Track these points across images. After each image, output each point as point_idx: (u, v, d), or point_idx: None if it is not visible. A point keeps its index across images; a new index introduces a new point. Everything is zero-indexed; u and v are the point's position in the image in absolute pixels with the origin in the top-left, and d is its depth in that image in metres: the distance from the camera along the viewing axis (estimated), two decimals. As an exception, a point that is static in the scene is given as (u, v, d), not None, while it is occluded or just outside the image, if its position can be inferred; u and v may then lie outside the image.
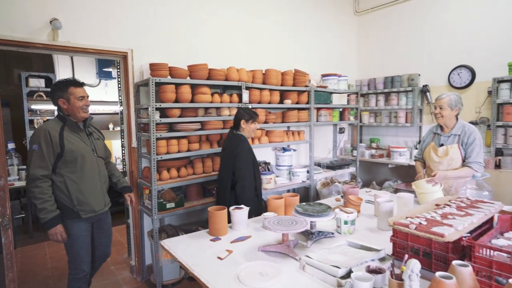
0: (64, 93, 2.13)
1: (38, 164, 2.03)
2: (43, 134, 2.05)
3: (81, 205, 2.15)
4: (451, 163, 2.49)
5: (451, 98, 2.49)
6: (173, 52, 3.25)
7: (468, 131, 2.47)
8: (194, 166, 3.12)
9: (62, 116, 2.16)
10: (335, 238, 1.93)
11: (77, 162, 2.13)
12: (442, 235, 1.36)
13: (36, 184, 2.02)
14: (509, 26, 3.53)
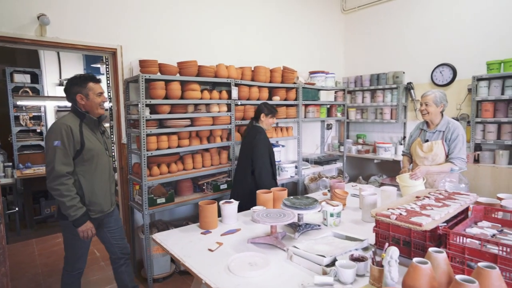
0: (83, 89, 2.08)
1: (62, 161, 1.96)
2: (64, 130, 1.98)
3: (92, 205, 2.11)
4: (435, 159, 2.58)
5: (436, 95, 2.55)
6: (162, 49, 3.27)
7: (452, 127, 2.54)
8: (184, 162, 3.16)
9: (80, 112, 2.09)
10: (321, 230, 2.01)
11: (93, 161, 2.09)
12: (420, 224, 1.45)
13: (62, 181, 1.96)
14: (487, 26, 3.68)
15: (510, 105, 3.43)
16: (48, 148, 1.99)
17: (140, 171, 2.84)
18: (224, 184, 3.33)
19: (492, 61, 3.48)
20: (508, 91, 3.40)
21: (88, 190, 2.08)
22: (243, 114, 3.52)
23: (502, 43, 3.56)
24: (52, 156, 1.96)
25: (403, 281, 1.22)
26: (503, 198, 2.01)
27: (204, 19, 3.62)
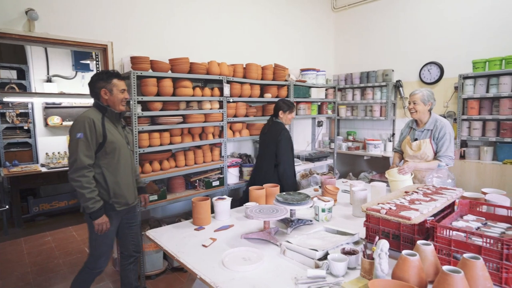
0: (107, 84, 2.13)
1: (84, 153, 1.99)
2: (88, 123, 2.02)
3: (117, 197, 2.14)
4: (424, 157, 2.62)
5: (424, 93, 2.59)
6: (154, 46, 3.25)
7: (439, 125, 2.57)
8: (176, 159, 3.16)
9: (102, 106, 2.13)
10: (313, 225, 2.05)
11: (115, 154, 2.12)
12: (409, 218, 1.50)
13: (83, 173, 1.99)
14: (473, 26, 3.77)
15: (495, 102, 3.53)
16: (71, 140, 2.02)
17: (132, 168, 2.82)
18: (216, 181, 3.34)
19: (478, 60, 3.58)
20: (493, 89, 3.50)
21: (112, 183, 2.11)
22: (235, 111, 3.53)
23: (487, 42, 3.66)
24: (75, 148, 1.99)
25: (393, 272, 1.27)
26: (487, 193, 2.08)
27: (196, 16, 3.60)
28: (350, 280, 1.35)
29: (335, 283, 1.33)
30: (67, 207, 5.05)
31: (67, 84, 5.31)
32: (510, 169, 3.25)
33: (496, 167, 3.35)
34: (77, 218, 4.88)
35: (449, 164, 2.54)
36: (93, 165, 2.05)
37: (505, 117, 3.40)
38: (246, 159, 3.89)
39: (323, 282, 1.34)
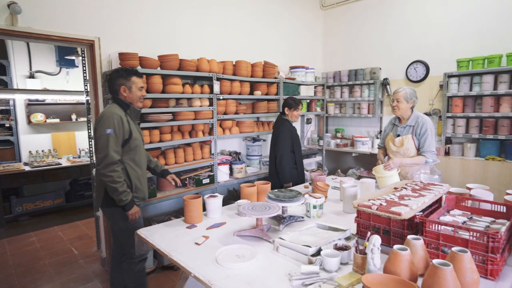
0: (127, 81, 2.17)
1: (114, 149, 2.05)
2: (116, 119, 2.06)
3: (137, 192, 2.22)
4: (406, 153, 2.70)
5: (407, 91, 2.68)
6: (142, 42, 3.19)
7: (420, 122, 2.66)
8: (166, 156, 3.13)
9: (124, 103, 2.18)
10: (305, 222, 2.07)
11: (137, 150, 2.19)
12: (399, 213, 1.54)
13: (114, 168, 2.04)
14: (457, 25, 3.86)
15: (477, 100, 3.64)
16: (101, 136, 2.04)
17: (120, 167, 2.78)
18: (207, 179, 3.33)
19: (462, 59, 3.67)
20: (476, 87, 3.60)
21: (134, 177, 2.19)
22: (225, 108, 3.52)
23: (471, 42, 3.76)
24: (105, 143, 2.03)
25: (385, 267, 1.30)
26: (471, 188, 2.15)
27: (185, 13, 3.56)
28: (343, 275, 1.37)
29: (328, 278, 1.35)
30: (52, 207, 4.94)
31: (51, 80, 5.17)
32: (492, 164, 3.37)
33: (479, 163, 3.46)
34: (63, 218, 4.78)
35: (433, 159, 2.61)
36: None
37: (487, 115, 3.51)
38: (236, 157, 3.88)
39: (317, 277, 1.35)
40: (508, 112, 3.39)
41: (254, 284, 1.35)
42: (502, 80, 3.41)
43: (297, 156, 3.22)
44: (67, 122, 5.28)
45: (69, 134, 5.37)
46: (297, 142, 3.23)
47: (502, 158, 3.42)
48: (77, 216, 4.81)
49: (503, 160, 3.36)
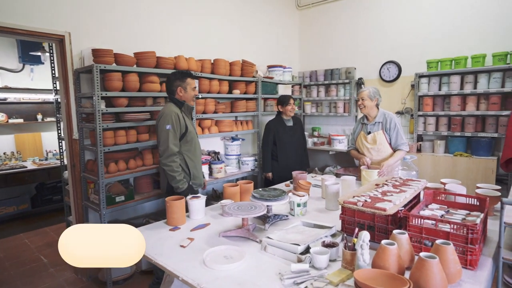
0: (183, 83, 2.48)
1: (173, 142, 2.36)
2: (174, 116, 2.37)
3: (195, 179, 2.53)
4: (380, 148, 2.84)
5: (370, 90, 2.86)
6: (117, 39, 3.06)
7: (388, 118, 2.85)
8: (143, 157, 3.02)
9: (179, 101, 2.50)
10: (289, 220, 2.07)
11: (192, 142, 2.51)
12: (384, 209, 1.58)
13: (173, 159, 2.36)
14: (427, 27, 4.04)
15: (446, 100, 3.84)
16: (162, 131, 2.37)
17: (95, 169, 2.66)
18: (186, 179, 3.26)
19: (431, 60, 3.85)
20: (444, 87, 3.79)
21: (192, 166, 2.50)
22: (203, 107, 3.46)
23: (439, 44, 3.95)
24: (165, 137, 2.35)
25: (373, 262, 1.32)
26: (445, 183, 2.25)
27: (163, 10, 3.46)
28: (333, 272, 1.38)
29: (319, 276, 1.36)
30: (17, 213, 4.63)
31: (13, 77, 4.83)
32: (460, 160, 3.56)
33: (449, 159, 3.64)
34: (29, 224, 4.48)
35: (406, 149, 2.79)
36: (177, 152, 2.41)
37: (455, 113, 3.70)
38: (215, 156, 3.83)
39: (307, 275, 1.36)
40: (473, 111, 3.59)
41: (245, 285, 1.33)
42: (468, 81, 3.61)
43: (279, 150, 3.48)
44: (32, 122, 4.96)
45: (34, 135, 5.04)
46: (280, 136, 3.46)
47: (469, 154, 3.62)
48: (45, 222, 4.53)
49: (470, 156, 3.56)
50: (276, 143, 3.49)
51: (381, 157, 2.84)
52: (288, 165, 3.46)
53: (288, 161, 3.50)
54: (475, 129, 3.62)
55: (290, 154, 3.53)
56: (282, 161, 3.49)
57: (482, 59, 3.51)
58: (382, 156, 2.84)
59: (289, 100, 3.47)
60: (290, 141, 3.53)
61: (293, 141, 3.56)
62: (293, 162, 3.51)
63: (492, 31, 3.60)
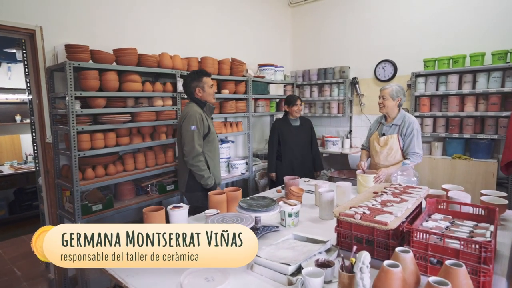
0: (200, 83, 2.47)
1: (198, 142, 2.40)
2: (198, 117, 2.40)
3: (214, 178, 2.53)
4: (390, 153, 2.60)
5: (393, 88, 2.58)
6: (94, 34, 2.85)
7: (407, 121, 2.56)
8: (124, 162, 2.81)
9: (201, 102, 2.51)
10: (280, 232, 1.89)
11: (213, 142, 2.55)
12: (385, 223, 1.40)
13: (199, 158, 2.41)
14: (424, 25, 3.91)
15: (443, 100, 3.70)
16: (187, 131, 2.39)
17: (70, 175, 2.44)
18: (171, 185, 3.06)
19: (428, 59, 3.71)
20: (442, 87, 3.65)
21: (212, 166, 2.53)
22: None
23: (437, 41, 3.81)
24: (191, 138, 2.38)
25: (374, 286, 1.15)
26: (447, 189, 2.09)
27: (145, 3, 3.25)
28: (329, 298, 1.20)
29: (312, 303, 1.18)
30: (-10, 220, 4.37)
31: (-11, 77, 4.57)
32: (459, 163, 3.42)
33: (447, 161, 3.50)
34: (4, 232, 4.22)
35: (416, 161, 2.54)
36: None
37: (453, 114, 3.57)
38: (203, 160, 3.63)
39: (299, 302, 1.18)
40: (472, 112, 3.46)
41: (227, 316, 1.14)
42: (466, 80, 3.47)
43: (283, 150, 3.44)
44: (10, 123, 4.69)
45: (12, 137, 4.78)
46: (284, 136, 3.43)
47: (467, 156, 3.49)
48: (23, 229, 4.27)
49: (469, 158, 3.42)
50: (280, 143, 3.47)
51: (390, 163, 2.59)
52: (293, 165, 3.43)
53: (292, 162, 3.45)
54: (474, 131, 3.48)
55: (295, 155, 3.46)
56: (286, 161, 3.45)
57: (481, 57, 3.37)
58: (391, 162, 2.59)
59: (296, 101, 3.43)
60: (295, 141, 3.46)
61: (298, 141, 3.48)
62: (298, 163, 3.46)
63: (491, 28, 3.47)
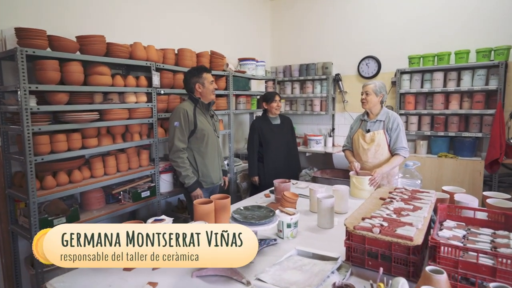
0: (200, 79, 2.47)
1: (179, 138, 2.39)
2: (182, 113, 2.39)
3: (204, 177, 2.52)
4: (378, 149, 2.53)
5: (376, 84, 2.55)
6: (53, 18, 2.45)
7: (391, 117, 2.54)
8: (92, 167, 2.45)
9: (195, 98, 2.50)
10: (278, 245, 1.67)
11: (204, 140, 2.48)
12: (410, 238, 1.22)
13: (179, 155, 2.39)
14: (409, 20, 3.84)
15: (428, 97, 3.66)
16: (170, 128, 2.43)
17: (25, 184, 2.05)
18: (146, 191, 2.73)
19: (413, 55, 3.65)
20: (427, 84, 3.61)
21: (201, 164, 2.50)
22: (167, 105, 2.95)
23: (421, 38, 3.76)
24: (172, 134, 2.40)
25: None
26: (452, 192, 1.97)
27: (112, -14, 2.87)
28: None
29: None
30: None
31: None
32: (446, 162, 3.39)
33: (434, 160, 3.46)
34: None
35: (406, 155, 2.50)
36: (187, 148, 2.45)
37: (438, 112, 3.53)
38: (181, 162, 3.32)
39: None
40: (457, 109, 3.44)
41: None
42: (451, 78, 3.45)
43: (265, 151, 3.21)
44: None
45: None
46: (265, 136, 3.20)
47: (452, 154, 3.46)
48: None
49: (455, 157, 3.40)
50: (262, 143, 3.21)
51: (379, 160, 2.53)
52: (276, 167, 3.20)
53: (275, 164, 3.21)
54: (459, 129, 3.47)
55: (278, 156, 3.23)
56: (269, 163, 3.20)
57: (466, 55, 3.36)
58: (379, 159, 2.53)
59: (274, 97, 3.21)
60: (277, 141, 3.22)
61: (280, 141, 3.24)
62: (281, 164, 3.23)
63: (476, 26, 3.46)
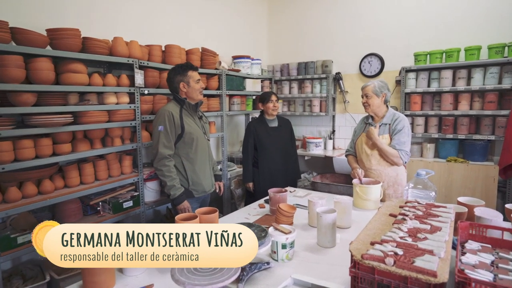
0: (184, 77, 2.26)
1: (164, 144, 2.16)
2: (167, 116, 2.17)
3: (195, 185, 2.31)
4: (383, 155, 2.31)
5: (375, 84, 2.34)
6: (18, 8, 2.20)
7: (398, 119, 2.32)
8: (66, 175, 2.21)
9: (180, 99, 2.28)
10: (272, 269, 1.44)
11: (193, 144, 2.26)
12: (434, 273, 0.98)
13: (164, 163, 2.17)
14: (414, 16, 3.61)
15: (436, 97, 3.42)
16: (154, 133, 2.22)
17: (-15, 196, 1.81)
18: (129, 201, 2.49)
19: (420, 52, 3.41)
20: (434, 83, 3.37)
21: (190, 171, 2.28)
22: (152, 106, 2.70)
23: (427, 34, 3.53)
24: (156, 140, 2.18)
25: None
26: (472, 205, 1.73)
27: (92, -24, 2.63)
28: None
29: None
30: None
31: None
32: (456, 167, 3.14)
33: (443, 165, 3.21)
34: None
35: (404, 159, 2.28)
36: (173, 155, 2.23)
37: (446, 113, 3.29)
38: (169, 168, 3.07)
39: None
40: (467, 110, 3.20)
41: None
42: (461, 76, 3.21)
43: (260, 155, 3.02)
44: None
45: None
46: (261, 139, 3.00)
47: (461, 158, 3.22)
48: None
49: (466, 161, 3.15)
50: (257, 147, 3.02)
51: (384, 168, 2.31)
52: (272, 173, 3.01)
53: (271, 169, 3.02)
54: (469, 131, 3.23)
55: (274, 161, 3.02)
56: (264, 168, 3.02)
57: (477, 51, 3.11)
58: (384, 167, 2.31)
59: (270, 97, 3.01)
60: (273, 145, 3.02)
61: (278, 145, 3.04)
62: (278, 170, 3.03)
63: (488, 20, 3.22)
